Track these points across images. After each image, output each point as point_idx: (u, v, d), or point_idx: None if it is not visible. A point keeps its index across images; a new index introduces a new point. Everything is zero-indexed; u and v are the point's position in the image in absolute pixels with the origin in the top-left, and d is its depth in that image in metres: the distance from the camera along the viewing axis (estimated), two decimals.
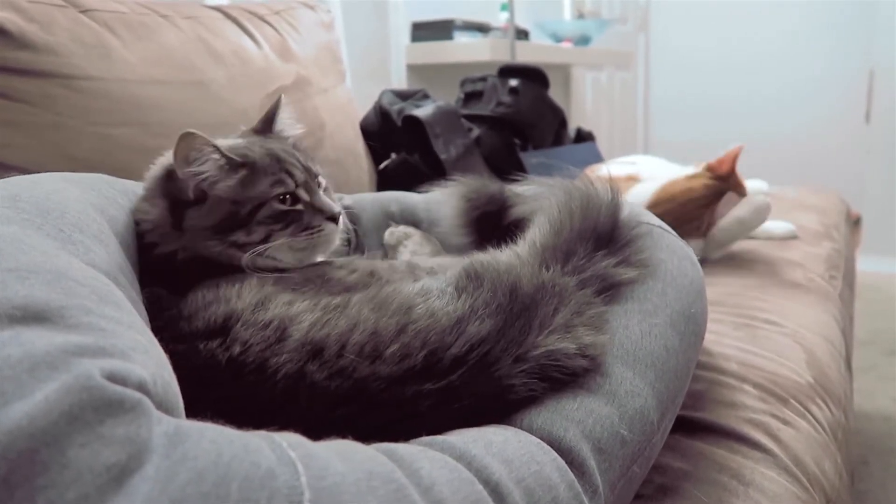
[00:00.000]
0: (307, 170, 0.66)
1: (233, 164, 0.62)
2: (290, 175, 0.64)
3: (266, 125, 0.72)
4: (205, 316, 0.53)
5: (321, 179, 0.68)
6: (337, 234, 0.67)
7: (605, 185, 0.69)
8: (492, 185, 0.85)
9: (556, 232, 0.64)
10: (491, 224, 0.79)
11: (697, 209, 1.27)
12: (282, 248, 0.63)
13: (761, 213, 1.31)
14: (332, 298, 0.55)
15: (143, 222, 0.63)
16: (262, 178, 0.63)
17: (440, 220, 0.85)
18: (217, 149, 0.61)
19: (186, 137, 0.59)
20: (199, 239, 0.61)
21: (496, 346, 0.51)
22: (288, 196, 0.63)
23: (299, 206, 0.64)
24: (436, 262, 0.72)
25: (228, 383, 0.49)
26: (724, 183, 1.28)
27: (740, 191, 1.30)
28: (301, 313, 0.52)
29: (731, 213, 1.30)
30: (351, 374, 0.49)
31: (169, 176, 0.63)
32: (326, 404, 0.48)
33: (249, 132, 0.72)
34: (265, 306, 0.53)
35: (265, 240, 0.62)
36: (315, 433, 0.40)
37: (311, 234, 0.63)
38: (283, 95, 0.74)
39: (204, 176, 0.61)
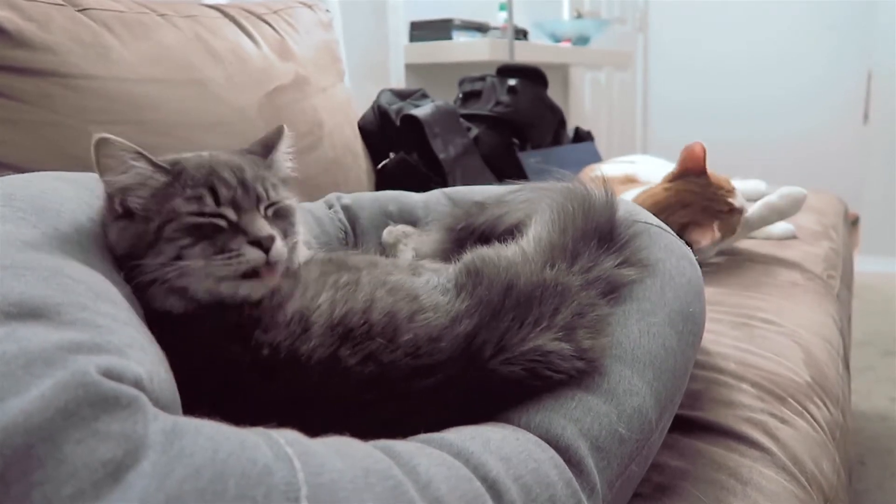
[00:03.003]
0: (245, 186, 0.55)
1: (155, 169, 0.53)
2: (213, 191, 0.53)
3: (263, 149, 0.63)
4: (214, 319, 0.52)
5: (278, 200, 0.58)
6: (273, 266, 0.53)
7: (599, 186, 0.69)
8: (463, 203, 0.85)
9: (562, 230, 0.63)
10: (480, 234, 0.79)
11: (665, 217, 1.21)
12: (197, 274, 0.51)
13: (797, 203, 1.32)
14: (340, 276, 0.55)
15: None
16: (179, 191, 0.53)
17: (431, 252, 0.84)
18: (140, 154, 0.53)
19: (101, 144, 0.51)
20: (122, 266, 0.52)
21: (478, 336, 0.52)
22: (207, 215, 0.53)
23: (219, 222, 0.53)
24: (438, 266, 0.71)
25: (258, 382, 0.49)
26: (689, 185, 1.24)
27: (721, 195, 1.25)
28: (315, 297, 0.52)
29: (765, 199, 1.31)
30: (379, 359, 0.49)
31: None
32: (355, 388, 0.49)
33: (239, 152, 0.63)
34: (281, 306, 0.52)
35: (175, 261, 0.51)
36: (337, 423, 0.41)
37: (229, 258, 0.51)
38: (285, 127, 0.65)
39: (122, 184, 0.53)
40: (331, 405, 0.49)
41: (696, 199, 1.22)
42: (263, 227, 0.54)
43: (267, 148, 0.63)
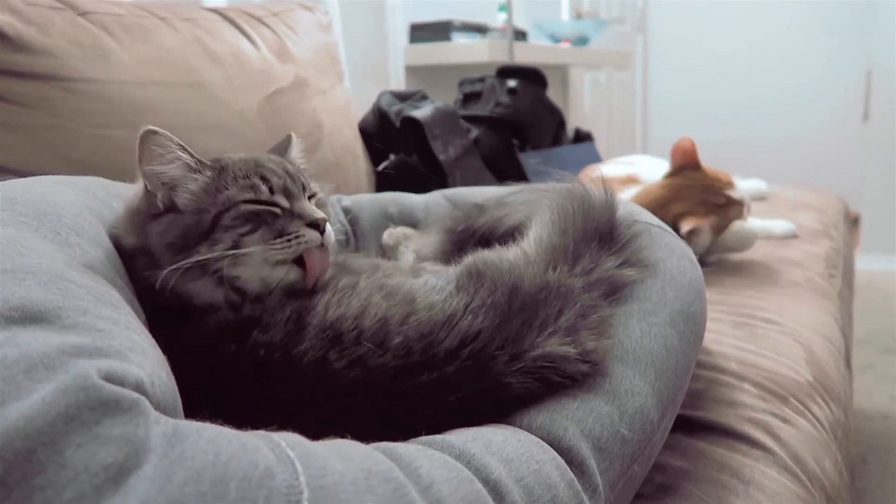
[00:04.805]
0: (291, 176, 0.59)
1: (200, 164, 0.56)
2: (266, 180, 0.57)
3: (278, 154, 0.66)
4: (215, 319, 0.53)
5: (316, 191, 0.61)
6: (325, 250, 0.57)
7: (599, 186, 0.69)
8: (463, 206, 0.86)
9: (562, 231, 0.63)
10: (480, 235, 0.79)
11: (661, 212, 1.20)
12: (253, 261, 0.54)
13: (746, 242, 1.29)
14: (340, 278, 0.56)
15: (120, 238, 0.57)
16: (230, 182, 0.56)
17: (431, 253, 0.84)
18: (183, 147, 0.55)
19: (148, 134, 0.54)
20: (162, 263, 0.53)
21: (491, 343, 0.51)
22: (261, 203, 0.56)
23: (275, 209, 0.56)
24: (439, 268, 0.71)
25: (254, 382, 0.49)
26: (685, 180, 1.24)
27: (718, 188, 1.24)
28: (312, 297, 0.53)
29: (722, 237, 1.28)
30: (366, 363, 0.49)
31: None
32: (343, 391, 0.49)
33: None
34: (282, 305, 0.53)
35: (233, 249, 0.53)
36: (330, 424, 0.41)
37: (289, 240, 0.54)
38: (293, 135, 0.68)
39: (168, 176, 0.55)
40: (325, 405, 0.49)
41: (692, 193, 1.22)
42: (316, 210, 0.57)
43: (280, 153, 0.66)
